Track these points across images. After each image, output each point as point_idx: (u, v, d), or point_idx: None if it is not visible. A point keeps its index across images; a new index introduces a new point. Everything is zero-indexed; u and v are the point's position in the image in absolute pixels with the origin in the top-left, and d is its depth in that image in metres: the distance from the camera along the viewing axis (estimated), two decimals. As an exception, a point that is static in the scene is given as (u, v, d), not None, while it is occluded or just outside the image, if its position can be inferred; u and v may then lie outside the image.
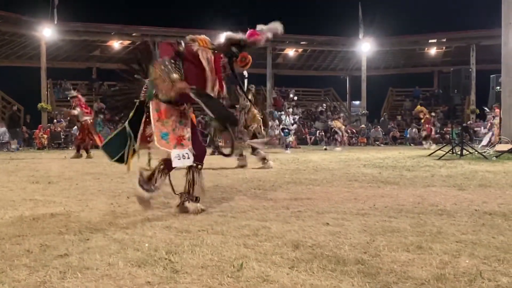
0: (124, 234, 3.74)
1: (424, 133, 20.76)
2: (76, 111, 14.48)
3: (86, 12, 28.90)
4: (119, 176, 8.16)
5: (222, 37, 4.60)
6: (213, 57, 4.53)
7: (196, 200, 4.69)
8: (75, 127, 24.02)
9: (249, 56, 4.59)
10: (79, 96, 15.23)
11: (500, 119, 14.93)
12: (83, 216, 4.54)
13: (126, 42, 29.52)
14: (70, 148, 22.08)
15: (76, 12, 27.12)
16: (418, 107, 22.46)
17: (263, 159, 10.34)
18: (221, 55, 4.57)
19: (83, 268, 2.87)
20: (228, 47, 4.57)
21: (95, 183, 7.33)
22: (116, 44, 29.87)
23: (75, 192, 6.28)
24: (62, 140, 23.46)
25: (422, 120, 20.88)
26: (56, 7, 25.47)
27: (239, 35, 4.58)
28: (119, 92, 5.34)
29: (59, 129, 23.65)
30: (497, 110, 17.30)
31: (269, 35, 4.69)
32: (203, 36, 4.65)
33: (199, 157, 4.69)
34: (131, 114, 4.69)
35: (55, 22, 25.68)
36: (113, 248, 3.31)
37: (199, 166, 4.71)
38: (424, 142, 20.38)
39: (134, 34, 28.14)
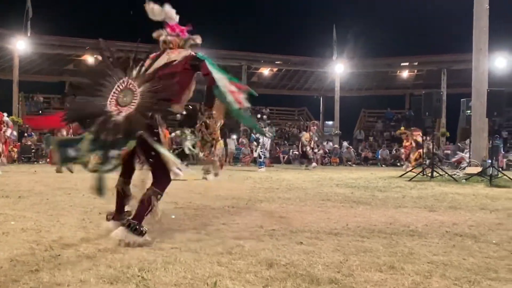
0: (96, 251, 3.70)
1: (403, 155, 20.80)
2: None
3: (60, 26, 28.71)
4: (90, 192, 8.04)
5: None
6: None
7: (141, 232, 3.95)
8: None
9: None
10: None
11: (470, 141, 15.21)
12: (54, 232, 4.47)
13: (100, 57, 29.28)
14: (40, 163, 21.77)
15: (50, 25, 26.92)
16: (402, 128, 22.45)
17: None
18: None
19: (54, 284, 2.83)
20: None
21: (66, 198, 7.22)
22: (90, 59, 29.62)
23: (46, 207, 6.18)
24: (33, 154, 23.08)
25: (405, 142, 20.86)
26: (30, 20, 25.23)
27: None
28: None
29: (29, 142, 23.29)
30: (415, 133, 18.21)
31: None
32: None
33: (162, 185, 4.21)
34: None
35: (29, 35, 25.41)
36: (85, 265, 3.27)
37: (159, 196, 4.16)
38: (403, 163, 20.39)
39: (109, 49, 27.93)
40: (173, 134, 19.05)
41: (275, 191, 9.04)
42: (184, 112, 4.56)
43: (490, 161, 13.04)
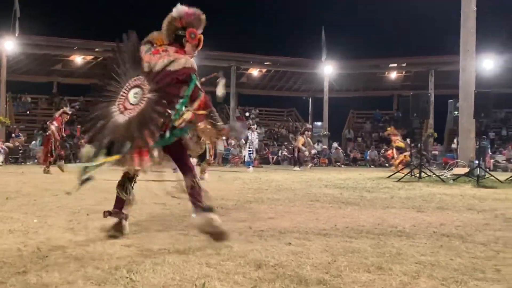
0: (84, 252, 3.68)
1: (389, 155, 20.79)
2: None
3: (48, 26, 28.49)
4: (79, 193, 8.00)
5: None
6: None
7: None
8: (34, 142, 23.63)
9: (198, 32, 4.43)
10: None
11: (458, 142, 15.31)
12: (42, 233, 4.45)
13: (89, 57, 29.21)
14: (28, 163, 21.63)
15: (38, 25, 26.71)
16: (389, 128, 22.37)
17: None
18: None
19: (41, 285, 2.82)
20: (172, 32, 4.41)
21: (54, 199, 7.18)
22: (78, 59, 29.51)
23: (34, 208, 6.14)
24: (20, 155, 22.91)
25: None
26: (18, 20, 25.04)
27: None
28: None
29: (17, 143, 23.13)
30: (394, 138, 18.50)
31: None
32: (155, 33, 4.54)
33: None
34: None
35: (16, 35, 25.22)
36: (73, 266, 3.26)
37: None
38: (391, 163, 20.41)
39: (97, 49, 27.88)
40: None
41: (264, 192, 9.05)
42: None
43: (477, 161, 13.15)
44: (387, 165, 20.74)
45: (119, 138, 3.92)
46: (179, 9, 4.39)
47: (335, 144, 28.67)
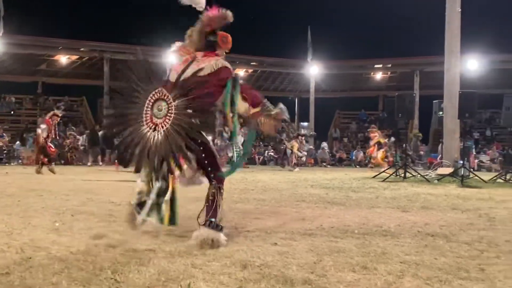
0: (68, 253, 3.66)
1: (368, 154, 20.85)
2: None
3: (33, 26, 28.24)
4: (63, 193, 7.98)
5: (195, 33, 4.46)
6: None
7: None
8: (18, 142, 23.44)
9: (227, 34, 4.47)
10: None
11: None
12: (26, 234, 4.40)
13: (74, 57, 29.01)
14: (12, 164, 21.45)
15: (22, 25, 26.47)
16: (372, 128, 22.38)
17: None
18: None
19: (25, 287, 2.79)
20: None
21: (38, 200, 7.12)
22: (63, 59, 29.28)
23: (18, 209, 6.08)
24: (4, 155, 22.71)
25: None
26: (3, 19, 24.77)
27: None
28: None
29: (1, 144, 22.92)
30: (372, 135, 18.96)
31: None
32: (180, 43, 4.56)
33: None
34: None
35: (1, 35, 24.96)
36: (57, 267, 3.23)
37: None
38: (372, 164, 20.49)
39: (82, 49, 27.74)
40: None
41: (250, 192, 9.05)
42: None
43: (461, 162, 13.24)
44: (370, 165, 20.72)
45: (167, 154, 3.93)
46: (207, 16, 4.43)
47: (324, 144, 28.74)
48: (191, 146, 3.95)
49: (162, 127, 3.98)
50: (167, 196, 4.17)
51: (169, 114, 4.00)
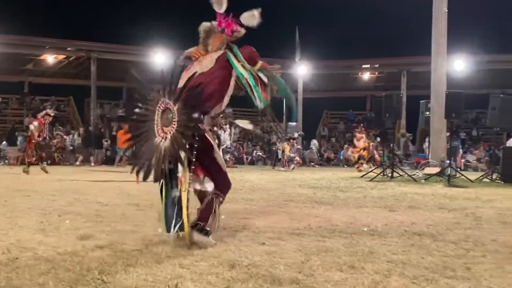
0: (55, 253, 3.64)
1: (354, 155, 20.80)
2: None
3: (19, 25, 28.01)
4: (50, 194, 7.93)
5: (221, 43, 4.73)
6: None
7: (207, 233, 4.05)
8: (4, 142, 23.23)
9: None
10: None
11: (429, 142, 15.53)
12: (12, 235, 4.37)
13: (61, 57, 28.81)
14: (-1, 164, 21.31)
15: (8, 24, 26.24)
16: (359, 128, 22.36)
17: None
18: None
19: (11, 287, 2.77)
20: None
21: (25, 200, 7.08)
22: (50, 58, 29.06)
23: (4, 210, 6.04)
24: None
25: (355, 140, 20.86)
26: (-12, 19, 24.56)
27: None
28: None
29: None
30: (359, 135, 19.28)
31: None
32: (192, 49, 4.66)
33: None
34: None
35: (-14, 34, 24.76)
36: (43, 268, 3.21)
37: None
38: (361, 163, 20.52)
39: (69, 49, 27.53)
40: None
41: (238, 192, 9.03)
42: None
43: (448, 161, 13.33)
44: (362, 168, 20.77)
45: (174, 154, 3.92)
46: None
47: (314, 141, 28.79)
48: (194, 143, 3.94)
49: (169, 133, 3.98)
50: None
51: (173, 120, 4.00)
